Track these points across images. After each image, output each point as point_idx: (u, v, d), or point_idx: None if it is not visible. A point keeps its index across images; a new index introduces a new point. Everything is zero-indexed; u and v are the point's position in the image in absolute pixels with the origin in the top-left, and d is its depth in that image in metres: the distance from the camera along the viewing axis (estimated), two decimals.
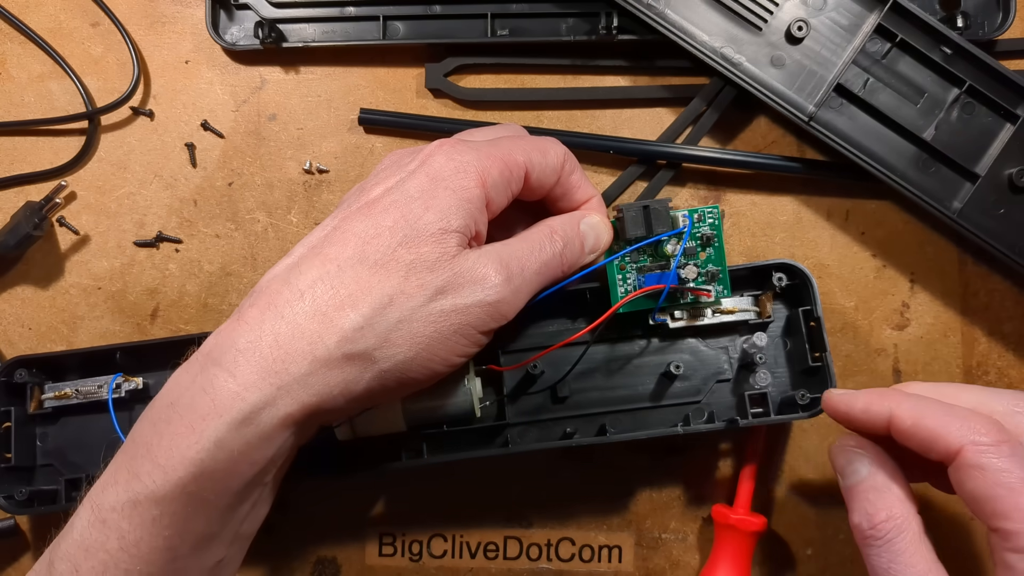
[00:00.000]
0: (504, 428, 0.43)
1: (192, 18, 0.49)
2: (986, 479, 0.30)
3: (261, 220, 0.48)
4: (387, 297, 0.32)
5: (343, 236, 0.33)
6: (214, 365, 0.31)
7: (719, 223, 0.40)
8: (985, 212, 0.44)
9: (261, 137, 0.49)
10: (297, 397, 0.31)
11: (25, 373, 0.42)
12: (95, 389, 0.43)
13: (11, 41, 0.49)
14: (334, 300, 0.32)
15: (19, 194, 0.48)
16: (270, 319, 0.32)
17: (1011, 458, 0.30)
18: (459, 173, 0.34)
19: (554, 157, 0.37)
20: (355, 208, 0.34)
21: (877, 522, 0.32)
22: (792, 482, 0.46)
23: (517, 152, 0.36)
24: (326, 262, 0.32)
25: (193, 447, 0.30)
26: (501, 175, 0.35)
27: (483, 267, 0.33)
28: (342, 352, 0.31)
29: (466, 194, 0.33)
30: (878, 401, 0.34)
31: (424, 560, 0.47)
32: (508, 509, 0.47)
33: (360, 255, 0.32)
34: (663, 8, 0.45)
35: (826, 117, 0.45)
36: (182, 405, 0.31)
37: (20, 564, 0.46)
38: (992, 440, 0.30)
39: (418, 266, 0.32)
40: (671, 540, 0.47)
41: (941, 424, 0.31)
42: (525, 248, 0.36)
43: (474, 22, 0.48)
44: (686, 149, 0.47)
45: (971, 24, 0.46)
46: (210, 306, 0.48)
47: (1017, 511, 0.29)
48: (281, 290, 0.32)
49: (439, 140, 0.35)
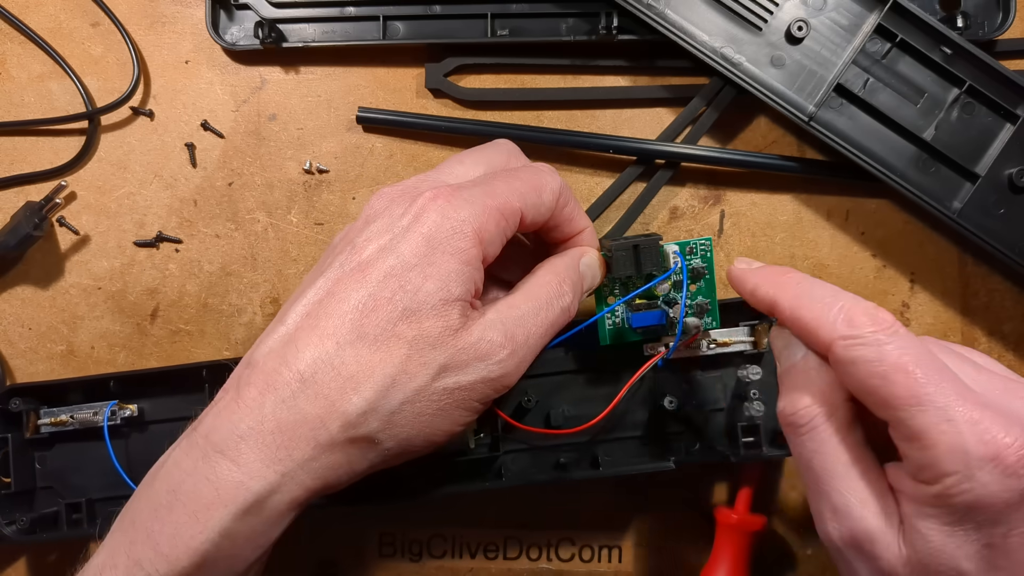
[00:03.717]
0: (498, 458, 0.42)
1: (192, 18, 0.49)
2: (860, 372, 0.28)
3: (261, 220, 0.48)
4: (389, 378, 0.31)
5: (339, 307, 0.31)
6: (216, 452, 0.31)
7: (711, 255, 0.39)
8: (985, 212, 0.44)
9: (261, 137, 0.49)
10: (301, 482, 0.31)
11: (20, 402, 0.43)
12: (91, 416, 0.43)
13: (11, 41, 0.49)
14: (335, 383, 0.31)
15: (19, 194, 0.48)
16: (271, 403, 0.31)
17: (884, 346, 0.28)
18: (456, 235, 0.32)
19: (549, 195, 0.35)
20: (348, 271, 0.32)
21: (800, 407, 0.30)
22: (792, 482, 0.46)
23: (513, 198, 0.34)
24: (324, 339, 0.31)
25: (197, 537, 0.30)
26: (498, 227, 0.33)
27: (488, 342, 0.32)
28: (345, 436, 0.31)
29: (464, 256, 0.32)
30: (764, 285, 0.32)
31: (424, 560, 0.47)
32: (508, 509, 0.47)
33: (359, 331, 0.31)
34: (663, 8, 0.45)
35: (826, 117, 0.45)
36: (184, 493, 0.30)
37: None
38: (865, 331, 0.28)
39: (420, 343, 0.31)
40: (671, 540, 0.47)
41: (815, 316, 0.30)
42: (531, 310, 0.34)
43: (474, 22, 0.48)
44: (686, 149, 0.47)
45: (971, 24, 0.46)
46: (210, 306, 0.48)
47: (895, 399, 0.27)
48: (280, 369, 0.31)
49: (431, 191, 0.33)
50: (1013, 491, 0.25)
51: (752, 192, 0.48)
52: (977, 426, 0.25)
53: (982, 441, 0.25)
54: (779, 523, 0.46)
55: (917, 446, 0.26)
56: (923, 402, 0.26)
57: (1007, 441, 0.25)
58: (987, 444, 0.25)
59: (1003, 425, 0.25)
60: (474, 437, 0.40)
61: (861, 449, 0.30)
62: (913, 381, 0.27)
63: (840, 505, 0.29)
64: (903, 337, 0.28)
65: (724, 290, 0.47)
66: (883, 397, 0.27)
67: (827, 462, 0.29)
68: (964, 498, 0.25)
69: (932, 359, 0.28)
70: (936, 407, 0.26)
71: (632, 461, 0.43)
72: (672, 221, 0.48)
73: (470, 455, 0.41)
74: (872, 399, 0.28)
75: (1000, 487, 0.25)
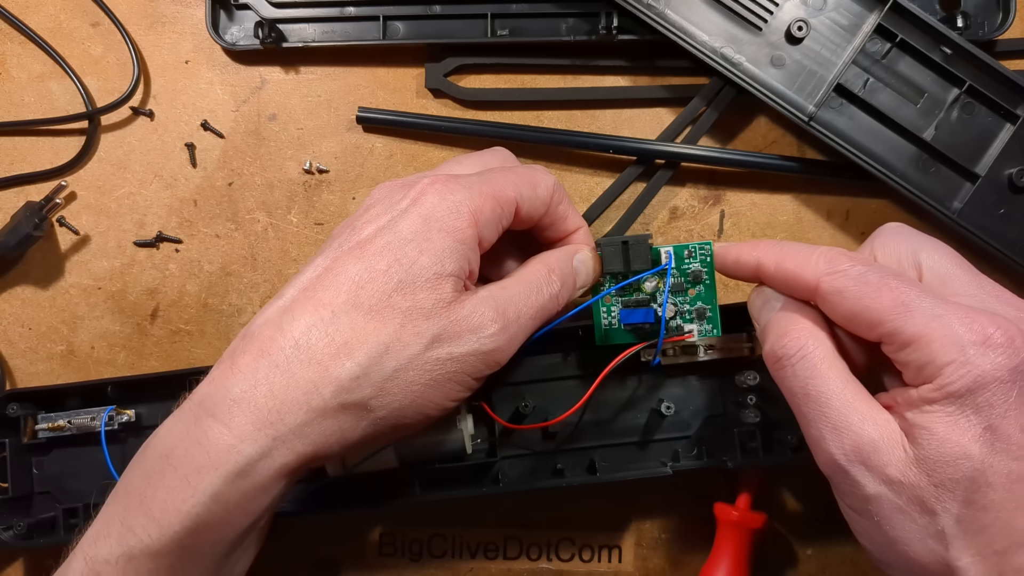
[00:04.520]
0: (495, 463, 0.42)
1: (192, 18, 0.49)
2: (848, 299, 0.31)
3: (261, 220, 0.48)
4: (383, 346, 0.31)
5: (336, 279, 0.32)
6: (208, 416, 0.31)
7: (710, 259, 0.38)
8: (985, 212, 0.44)
9: (261, 137, 0.49)
10: (293, 447, 0.31)
11: (17, 407, 0.43)
12: (88, 421, 0.43)
13: (11, 41, 0.49)
14: (329, 348, 0.31)
15: (19, 194, 0.48)
16: (264, 368, 0.31)
17: (865, 273, 0.31)
18: (452, 214, 0.33)
19: (544, 190, 0.36)
20: (347, 248, 0.33)
21: (787, 341, 0.32)
22: (792, 482, 0.46)
23: (508, 187, 0.35)
24: (320, 307, 0.32)
25: (189, 501, 0.30)
26: (493, 212, 0.34)
27: (480, 315, 0.33)
28: (338, 402, 0.31)
29: (460, 235, 0.33)
30: (747, 252, 0.35)
31: (424, 560, 0.47)
32: (508, 509, 0.47)
33: (354, 300, 0.32)
34: (663, 8, 0.45)
35: (826, 117, 0.45)
36: (176, 457, 0.31)
37: None
38: (844, 265, 0.31)
39: (414, 313, 0.32)
40: (671, 540, 0.47)
41: (799, 263, 0.33)
42: (522, 292, 0.35)
43: (474, 22, 0.48)
44: (686, 149, 0.47)
45: (971, 24, 0.46)
46: (210, 306, 0.48)
47: (884, 311, 0.30)
48: (274, 336, 0.32)
49: (430, 177, 0.34)
50: (1003, 368, 0.27)
51: (752, 192, 0.48)
52: (965, 317, 0.28)
53: (971, 329, 0.28)
54: (779, 522, 0.46)
55: (914, 348, 0.29)
56: (911, 307, 0.29)
57: (992, 325, 0.28)
58: (975, 330, 0.28)
59: (986, 315, 0.28)
60: (471, 443, 0.40)
61: (849, 374, 0.31)
62: (898, 293, 0.30)
63: (839, 422, 0.30)
64: (879, 266, 0.31)
65: (724, 295, 0.47)
66: (874, 314, 0.30)
67: (821, 385, 0.31)
68: (963, 382, 0.28)
69: (907, 277, 0.31)
70: (923, 309, 0.29)
71: (629, 466, 0.43)
72: (672, 221, 0.48)
73: (467, 460, 0.41)
74: (862, 320, 0.30)
75: (992, 365, 0.27)
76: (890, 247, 0.34)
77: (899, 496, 0.29)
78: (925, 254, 0.33)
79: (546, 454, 0.43)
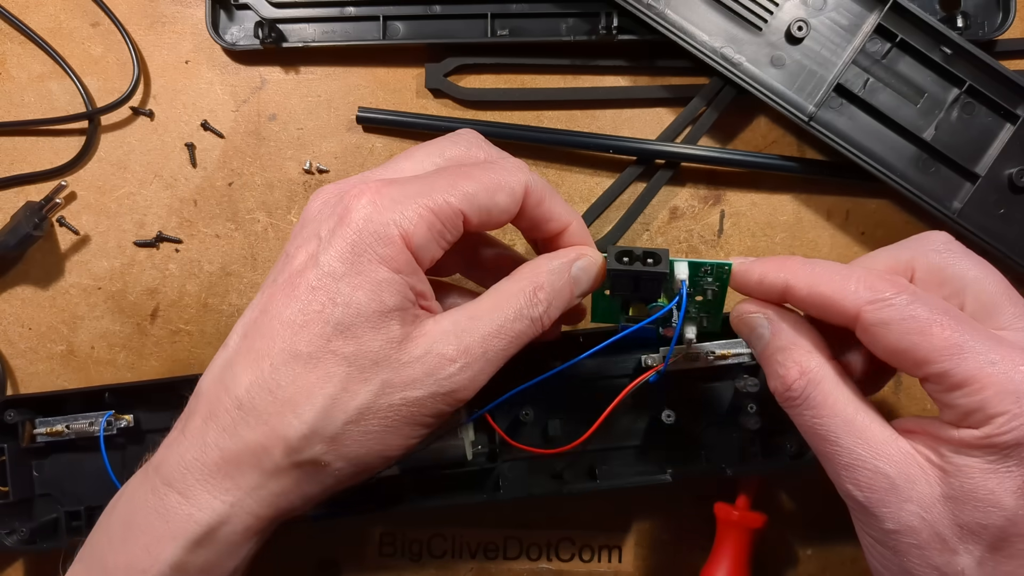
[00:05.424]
0: (495, 468, 0.42)
1: (192, 18, 0.49)
2: (894, 332, 0.28)
3: (261, 220, 0.48)
4: (330, 399, 0.29)
5: (271, 324, 0.30)
6: (165, 484, 0.30)
7: (726, 278, 0.35)
8: (985, 212, 0.44)
9: (261, 137, 0.49)
10: (252, 511, 0.30)
11: (15, 413, 0.42)
12: (87, 427, 0.43)
13: (11, 41, 0.49)
14: (273, 407, 0.29)
15: (19, 194, 0.48)
16: (213, 432, 0.30)
17: (912, 304, 0.28)
18: (380, 241, 0.29)
19: (506, 195, 0.32)
20: (280, 283, 0.30)
21: (791, 382, 0.30)
22: (793, 482, 0.46)
23: (453, 195, 0.30)
24: (259, 360, 0.30)
25: (150, 571, 0.29)
26: (430, 230, 0.30)
27: (436, 355, 0.30)
28: (290, 461, 0.30)
29: (394, 264, 0.29)
30: (773, 271, 0.32)
31: (424, 560, 0.47)
32: (508, 510, 0.47)
33: (291, 349, 0.29)
34: (663, 8, 0.45)
35: (826, 117, 0.45)
36: (137, 525, 0.30)
37: None
38: (888, 294, 0.29)
39: (360, 359, 0.29)
40: (671, 540, 0.47)
41: (835, 289, 0.30)
42: (495, 321, 0.31)
43: (474, 22, 0.48)
44: (686, 149, 0.47)
45: (971, 24, 0.46)
46: (210, 306, 0.48)
47: (936, 352, 0.27)
48: (220, 396, 0.30)
49: (359, 186, 0.30)
50: None
51: (752, 192, 0.48)
52: (1022, 366, 0.27)
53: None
54: (779, 522, 0.46)
55: (962, 393, 0.27)
56: (964, 350, 0.27)
57: None
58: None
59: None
60: (472, 449, 0.40)
61: (858, 402, 0.30)
62: (951, 332, 0.27)
63: (853, 460, 0.29)
64: (925, 295, 0.29)
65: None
66: (922, 353, 0.28)
67: (829, 423, 0.30)
68: (1012, 435, 0.26)
69: (956, 311, 0.29)
70: (977, 353, 0.27)
71: (629, 472, 0.43)
72: (672, 221, 0.48)
73: (467, 466, 0.41)
74: (908, 357, 0.28)
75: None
76: (933, 266, 0.31)
77: (918, 533, 0.28)
78: (971, 279, 0.30)
79: (546, 460, 0.43)
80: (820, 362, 0.31)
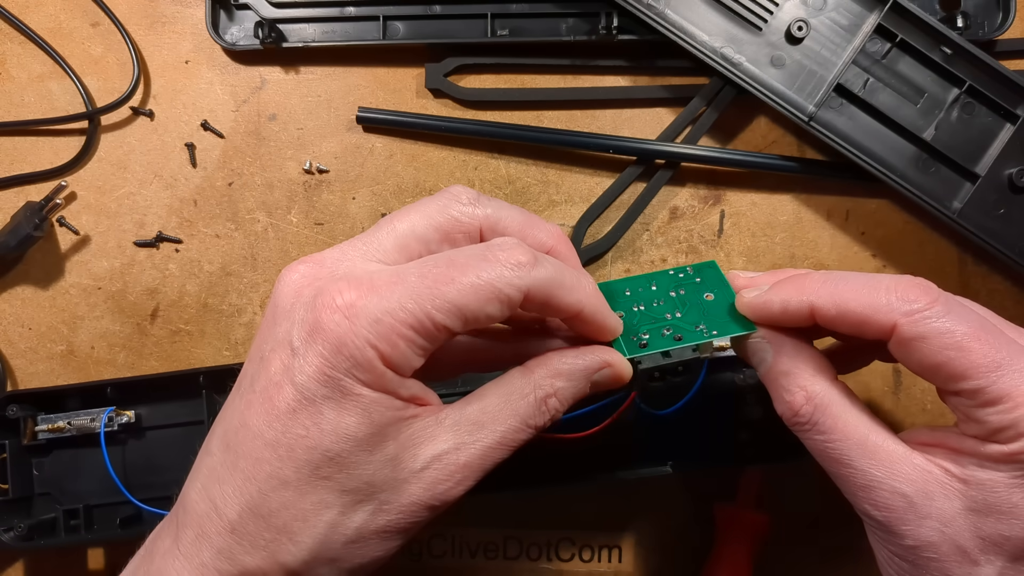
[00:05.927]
0: None
1: (192, 18, 0.49)
2: (931, 347, 0.28)
3: (261, 220, 0.48)
4: (327, 525, 0.28)
5: (253, 444, 0.28)
6: None
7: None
8: (985, 212, 0.44)
9: (261, 137, 0.49)
10: None
11: (17, 408, 0.42)
12: (88, 423, 0.43)
13: (11, 41, 0.49)
14: (268, 533, 0.28)
15: (19, 194, 0.48)
16: (208, 553, 0.28)
17: (948, 316, 0.28)
18: (358, 367, 0.27)
19: (498, 306, 0.28)
20: (257, 392, 0.28)
21: (797, 408, 0.30)
22: (793, 482, 0.46)
23: (438, 308, 0.27)
24: (246, 483, 0.28)
25: None
26: (409, 346, 0.28)
27: (434, 471, 0.29)
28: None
29: (378, 384, 0.28)
30: (796, 295, 0.30)
31: (424, 560, 0.47)
32: (508, 509, 0.47)
33: (279, 476, 0.28)
34: (663, 8, 0.45)
35: (826, 117, 0.45)
36: None
37: None
38: (922, 305, 0.28)
39: (353, 483, 0.28)
40: (671, 540, 0.47)
41: (866, 304, 0.29)
42: (498, 431, 0.30)
43: (474, 22, 0.48)
44: (686, 149, 0.47)
45: (971, 24, 0.46)
46: (210, 306, 0.48)
47: (973, 368, 0.27)
48: (211, 515, 0.29)
49: (329, 293, 0.28)
50: None
51: (752, 192, 0.48)
52: None
53: None
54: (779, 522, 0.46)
55: (995, 410, 0.27)
56: (1003, 366, 0.27)
57: None
58: None
59: None
60: None
61: (869, 422, 0.30)
62: (989, 347, 0.27)
63: (868, 482, 0.29)
64: (958, 306, 0.28)
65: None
66: (958, 368, 0.27)
67: (840, 446, 0.29)
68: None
69: (991, 324, 0.28)
70: (1015, 371, 0.27)
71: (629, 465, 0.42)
72: (672, 221, 0.48)
73: None
74: (942, 371, 0.28)
75: None
76: None
77: (938, 547, 0.28)
78: None
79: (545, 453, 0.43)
80: (825, 386, 0.30)
